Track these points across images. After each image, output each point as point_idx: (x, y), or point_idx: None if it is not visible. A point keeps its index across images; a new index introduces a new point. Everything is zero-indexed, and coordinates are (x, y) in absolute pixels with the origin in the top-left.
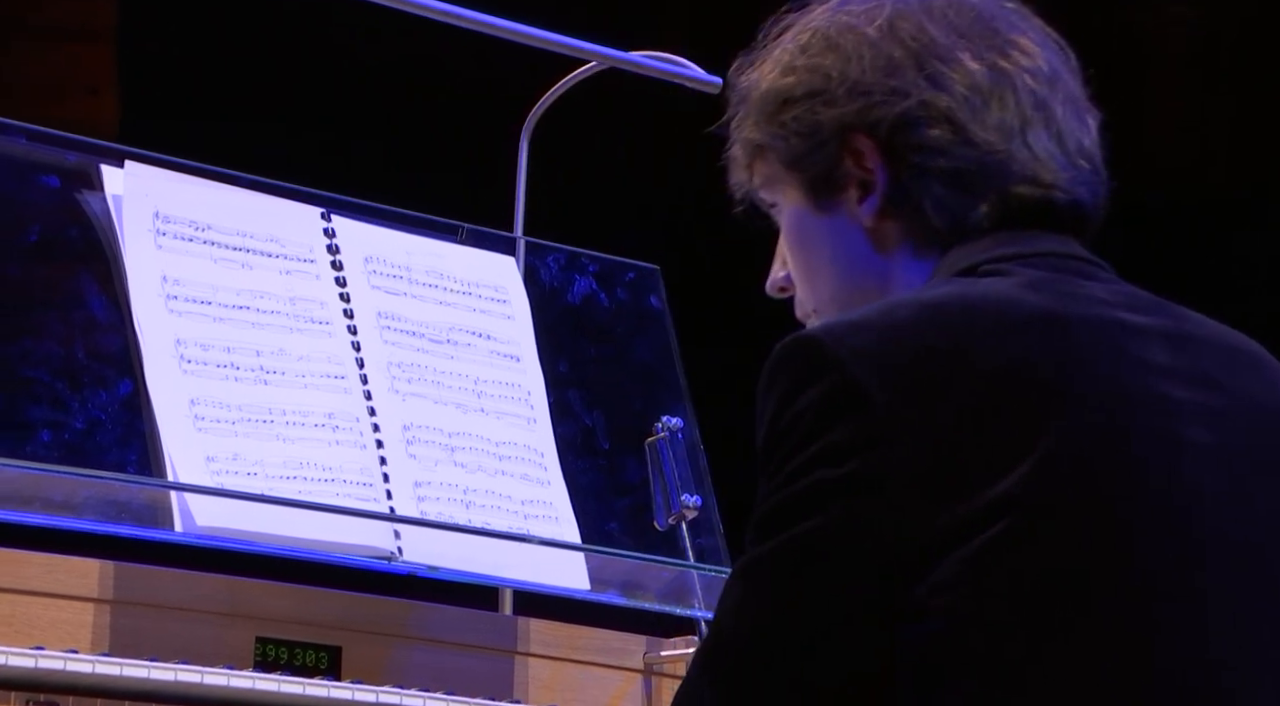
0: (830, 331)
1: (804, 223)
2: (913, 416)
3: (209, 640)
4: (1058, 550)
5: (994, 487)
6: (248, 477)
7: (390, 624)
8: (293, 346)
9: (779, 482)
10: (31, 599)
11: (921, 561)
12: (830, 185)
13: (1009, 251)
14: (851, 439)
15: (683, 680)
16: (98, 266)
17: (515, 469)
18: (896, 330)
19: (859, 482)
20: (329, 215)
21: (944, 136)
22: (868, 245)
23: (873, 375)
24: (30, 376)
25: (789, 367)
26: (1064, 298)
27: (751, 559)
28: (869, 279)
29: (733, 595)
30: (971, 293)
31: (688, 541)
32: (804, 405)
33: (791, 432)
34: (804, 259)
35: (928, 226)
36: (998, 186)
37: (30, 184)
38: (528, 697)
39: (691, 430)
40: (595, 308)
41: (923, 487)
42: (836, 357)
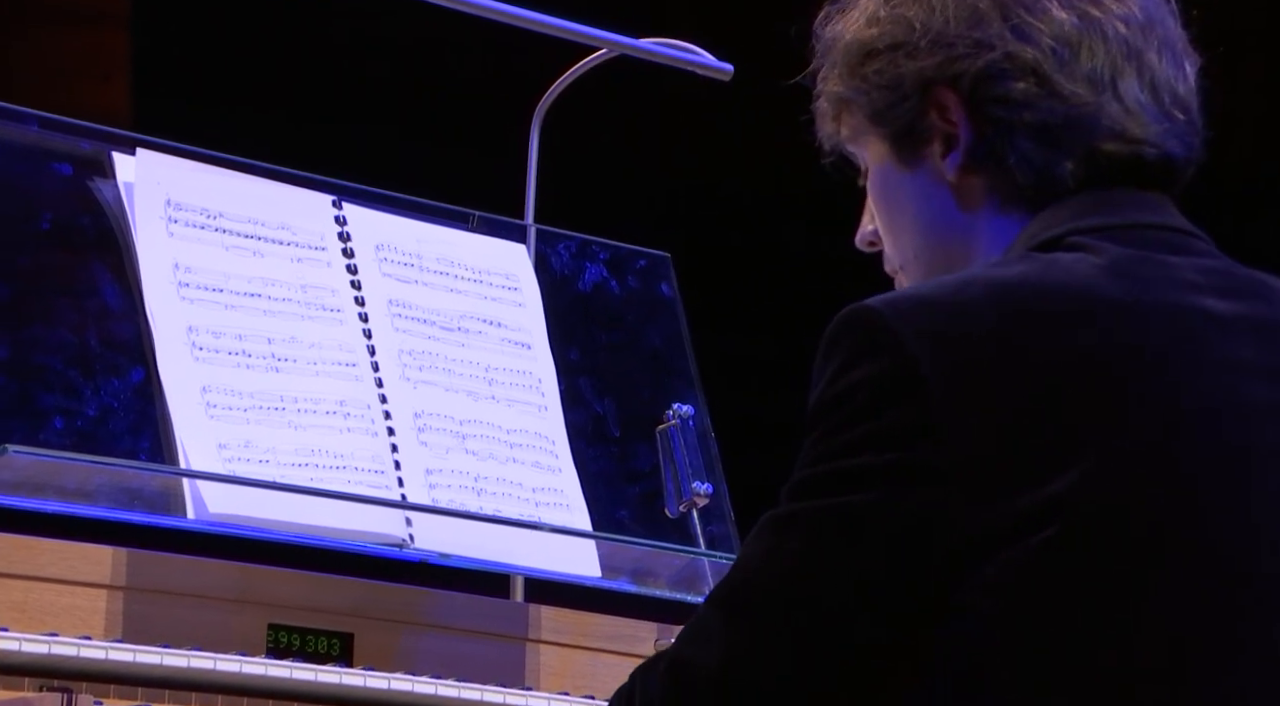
0: (895, 306)
1: (888, 178)
2: (970, 407)
3: (221, 626)
4: (1109, 561)
5: (1047, 488)
6: (260, 465)
7: (402, 610)
8: (304, 334)
9: (825, 452)
10: (45, 585)
11: (965, 558)
12: (914, 139)
13: (1095, 222)
14: (904, 425)
15: (693, 617)
16: (110, 254)
17: (526, 456)
18: (964, 311)
19: (907, 471)
20: (340, 203)
21: (1029, 90)
22: (952, 202)
23: (933, 358)
24: (43, 364)
25: (848, 338)
26: (1146, 284)
27: (787, 513)
28: (953, 237)
29: (761, 542)
30: (1048, 276)
31: (699, 529)
32: (859, 380)
33: (843, 406)
34: (888, 215)
35: (1013, 183)
36: (1085, 142)
37: (42, 171)
38: (539, 684)
39: (702, 417)
40: (606, 295)
41: (973, 482)
42: (897, 335)
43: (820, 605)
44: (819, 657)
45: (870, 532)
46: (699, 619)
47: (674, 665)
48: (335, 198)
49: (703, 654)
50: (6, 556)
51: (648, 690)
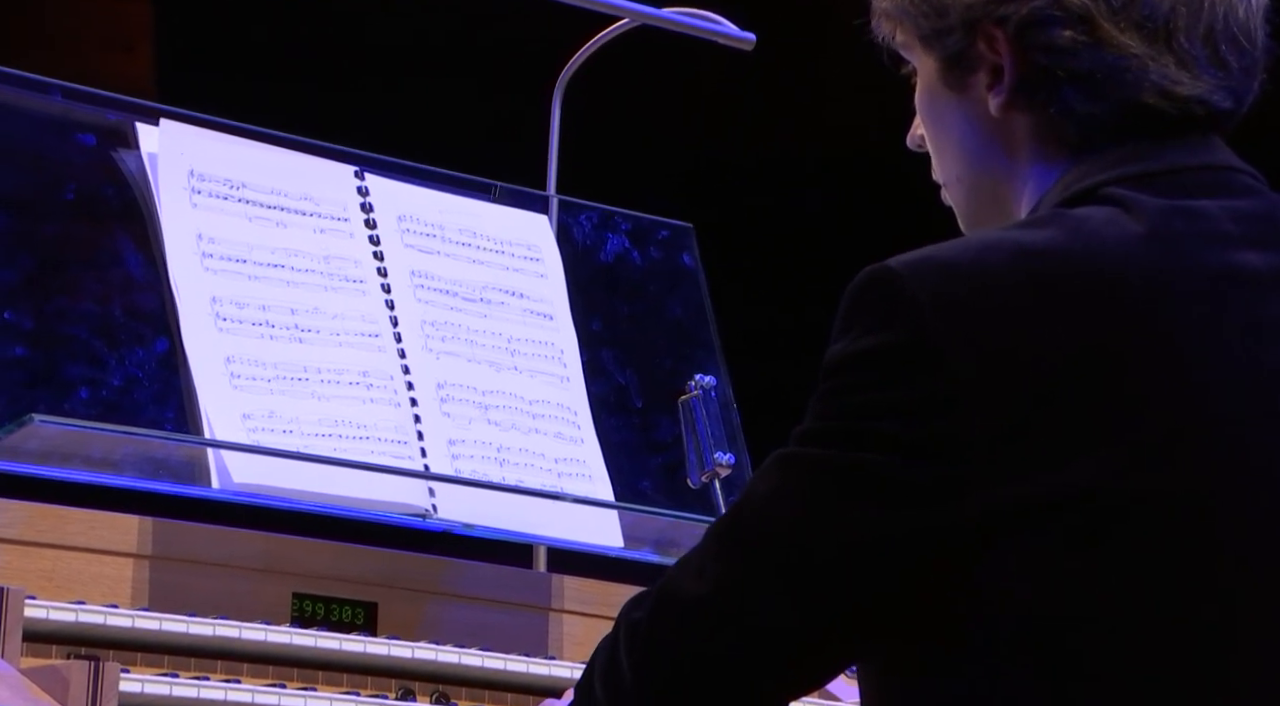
0: (917, 270)
1: (935, 97)
2: (988, 381)
3: (246, 595)
4: (1134, 548)
5: (1076, 469)
6: (283, 435)
7: (425, 580)
8: (327, 305)
9: (839, 410)
10: (73, 554)
11: (984, 538)
12: (962, 67)
13: (1132, 171)
14: (918, 397)
15: (692, 550)
16: (133, 225)
17: (549, 427)
18: (987, 279)
19: (922, 445)
20: (362, 173)
21: (1075, 38)
22: (994, 135)
23: (952, 331)
24: (68, 334)
25: (867, 301)
26: (1176, 246)
27: (796, 455)
28: (995, 170)
29: (766, 481)
30: (1076, 244)
31: (721, 499)
32: (875, 346)
33: (859, 369)
34: (934, 132)
35: (1055, 128)
36: (1130, 95)
37: (66, 142)
38: (562, 654)
39: (724, 388)
40: (628, 266)
41: (988, 460)
42: (916, 304)
43: (814, 555)
44: (806, 605)
45: (877, 498)
46: (696, 549)
47: (663, 592)
48: (358, 168)
49: (693, 583)
50: (34, 525)
51: (632, 616)
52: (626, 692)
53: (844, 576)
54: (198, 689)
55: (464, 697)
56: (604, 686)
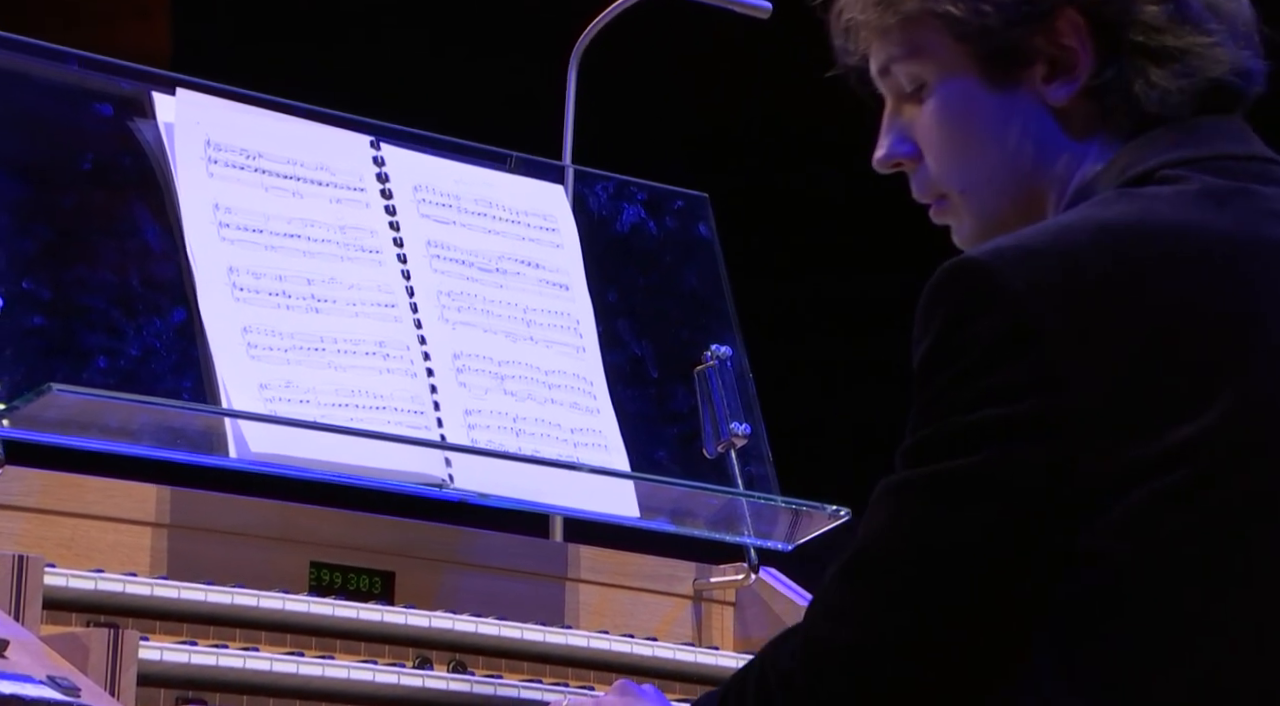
0: (1002, 257)
1: (970, 98)
2: (1088, 356)
3: (264, 564)
4: (1244, 500)
5: (1175, 432)
6: (300, 405)
7: (442, 550)
8: (343, 275)
9: (942, 410)
10: (91, 522)
11: (1090, 505)
12: (1013, 61)
13: (1185, 155)
14: (1024, 378)
15: (819, 590)
16: (150, 194)
17: (565, 397)
18: (1073, 259)
19: (1029, 424)
20: (378, 143)
21: (1160, 14)
22: (1056, 127)
23: (1048, 310)
24: (86, 304)
25: (956, 292)
26: (1249, 216)
27: (905, 479)
28: (1051, 162)
29: (882, 512)
30: (1151, 215)
31: (736, 469)
32: (973, 336)
33: (958, 362)
34: (962, 136)
35: (1131, 110)
36: (1214, 71)
37: (83, 111)
38: (578, 623)
39: (740, 358)
40: (644, 236)
41: (1096, 431)
42: (1010, 289)
43: (948, 569)
44: (952, 621)
45: (991, 491)
46: (828, 593)
47: (808, 642)
48: (373, 138)
49: (837, 630)
50: (53, 493)
51: (780, 668)
52: None
53: (984, 578)
54: (216, 657)
55: (481, 666)
56: None
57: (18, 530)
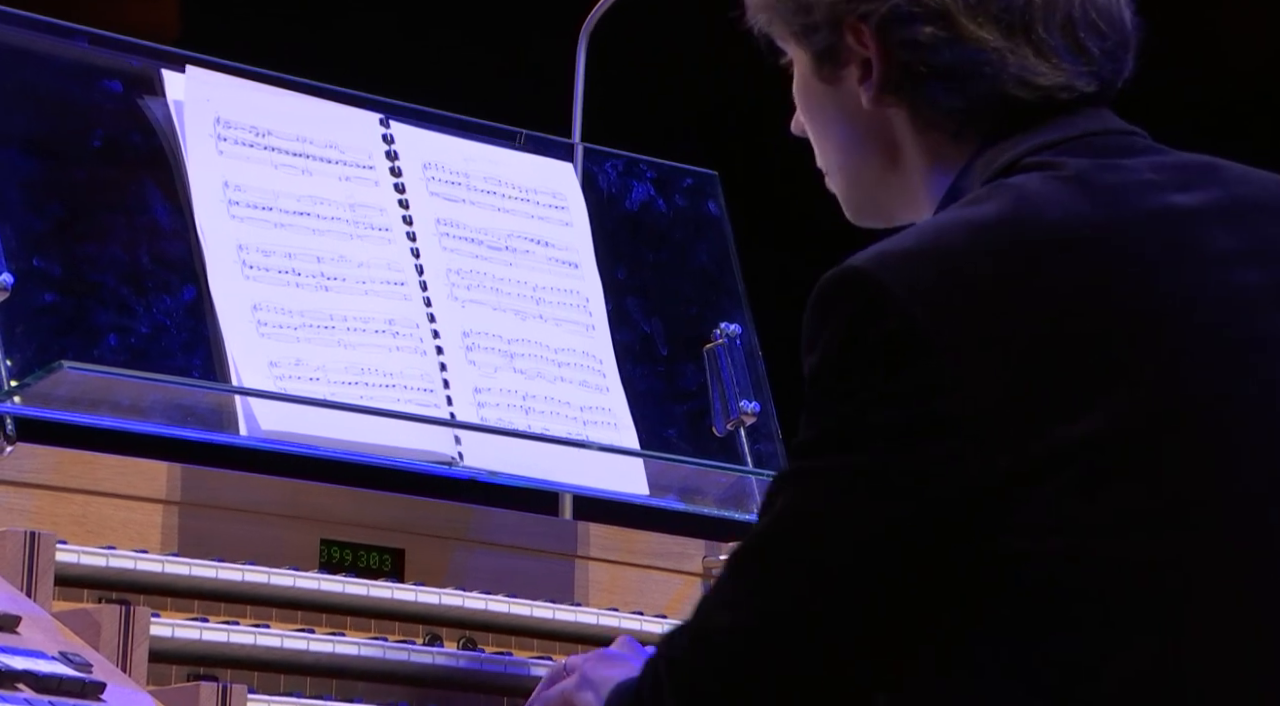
0: (884, 264)
1: (810, 89)
2: (974, 357)
3: (274, 541)
4: (1154, 478)
5: (1069, 419)
6: (310, 383)
7: (452, 527)
8: (353, 253)
9: (834, 413)
10: (103, 499)
11: (997, 506)
12: (833, 60)
13: (1047, 139)
14: (912, 383)
15: (714, 585)
16: (160, 172)
17: (574, 375)
18: (952, 260)
19: (924, 428)
20: (387, 121)
21: (936, 34)
22: (871, 126)
23: (933, 315)
24: (96, 281)
25: (842, 302)
26: (1115, 194)
27: (798, 470)
28: (874, 159)
29: (775, 504)
30: (1022, 208)
31: (746, 447)
32: (861, 344)
33: (847, 369)
34: (812, 123)
35: (932, 120)
36: (992, 87)
37: (93, 88)
38: (587, 600)
39: (750, 336)
40: (653, 214)
41: (992, 429)
42: (893, 297)
43: (841, 559)
44: (841, 616)
45: (889, 489)
46: (718, 583)
47: (696, 633)
48: (383, 116)
49: (726, 615)
50: (64, 471)
51: (672, 653)
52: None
53: (876, 572)
54: (227, 633)
55: (490, 643)
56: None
57: (30, 507)
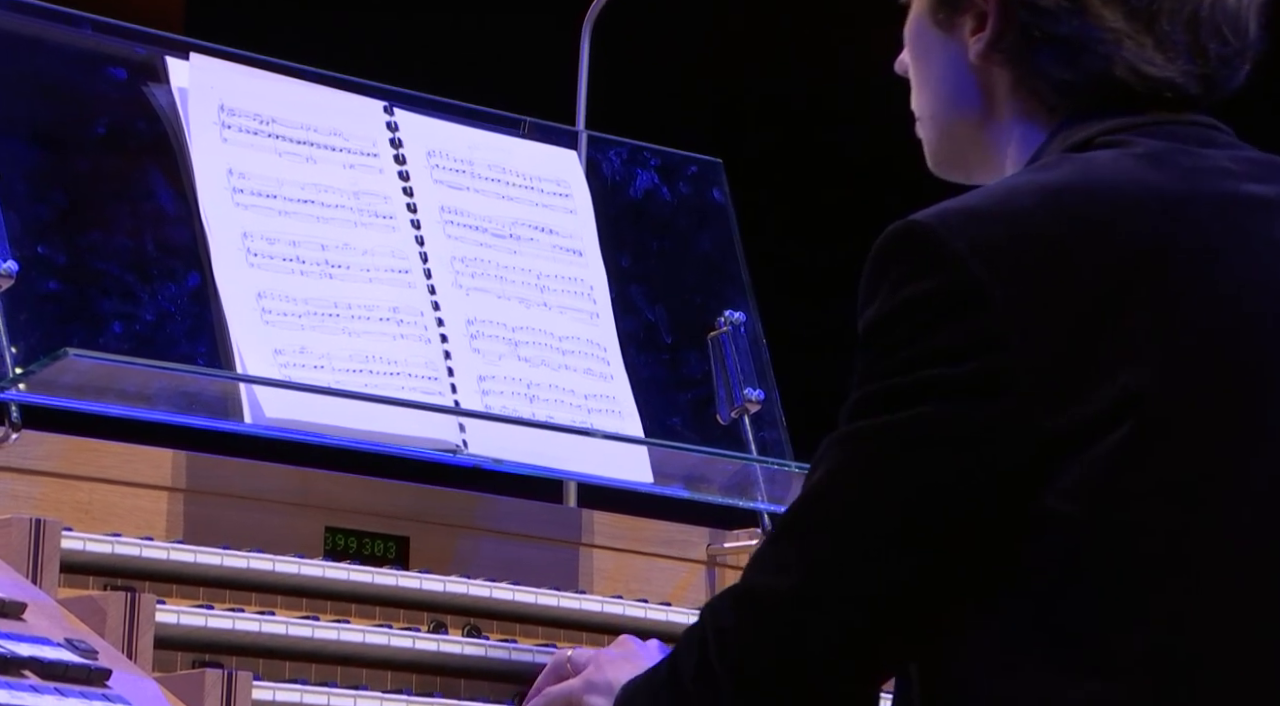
0: (946, 221)
1: (921, 30)
2: (1031, 316)
3: (279, 529)
4: (1191, 447)
5: (1116, 385)
6: (315, 370)
7: (457, 515)
8: (357, 240)
9: (886, 369)
10: (108, 487)
11: (1042, 466)
12: (951, 6)
13: (1125, 122)
14: (969, 339)
15: (758, 547)
16: (164, 159)
17: (578, 363)
18: (1018, 220)
19: (977, 384)
20: (392, 108)
21: (1060, 2)
22: (973, 81)
23: (993, 271)
24: (101, 269)
25: (902, 255)
26: (1187, 174)
27: (849, 432)
28: (969, 115)
29: (825, 465)
30: (1093, 175)
31: (750, 435)
32: (916, 296)
33: (902, 323)
34: (915, 65)
35: (1035, 87)
36: (1102, 68)
37: (97, 76)
38: (592, 588)
39: (754, 324)
40: (657, 201)
41: (1042, 388)
42: (954, 251)
43: (891, 518)
44: (893, 575)
45: (940, 445)
46: (765, 547)
47: (743, 594)
48: (387, 103)
49: (773, 580)
50: (70, 458)
51: (719, 622)
52: (727, 700)
53: (925, 530)
54: (232, 620)
55: (495, 630)
56: (700, 695)
57: (35, 494)
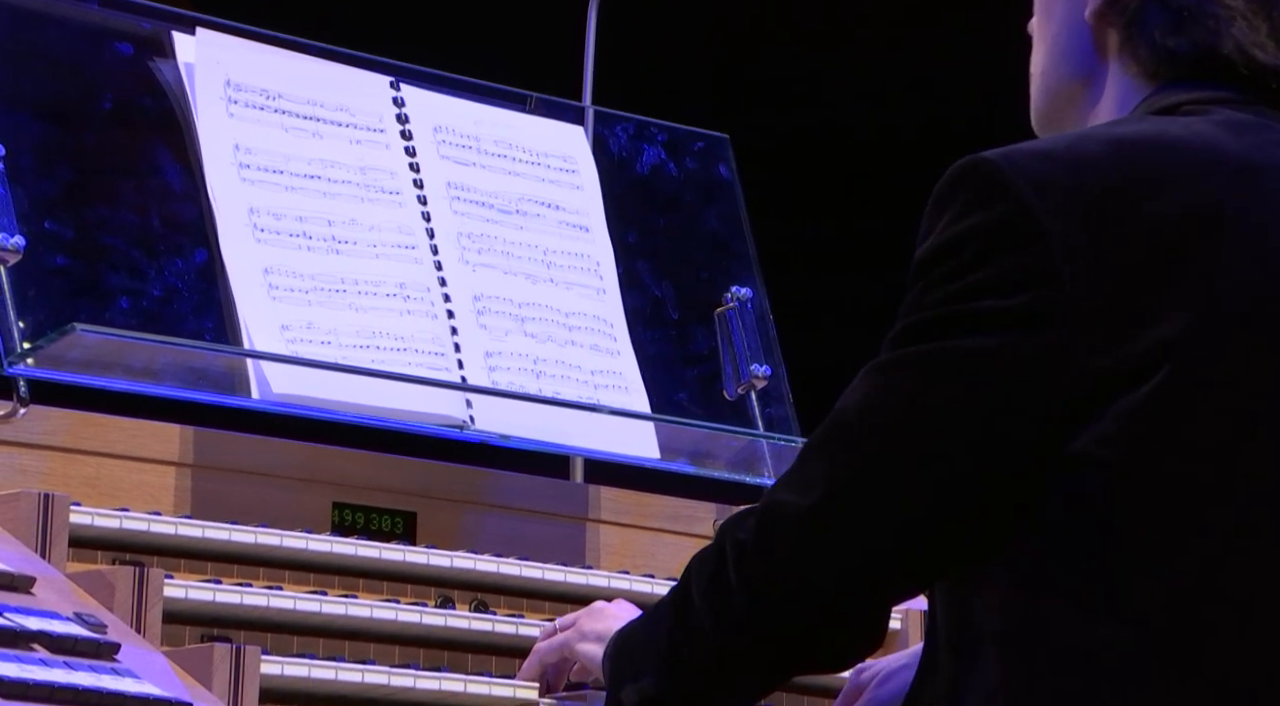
0: (1009, 158)
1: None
2: (1084, 257)
3: (287, 504)
4: (1227, 402)
5: (1158, 334)
6: (321, 346)
7: (463, 490)
8: (363, 216)
9: (937, 298)
10: (116, 462)
11: (1080, 408)
12: None
13: (1213, 94)
14: (1022, 272)
15: (789, 469)
16: (171, 135)
17: (585, 339)
18: (1081, 164)
19: (1026, 317)
20: (398, 84)
21: None
22: (1086, 39)
23: (1049, 207)
24: (108, 244)
25: (962, 188)
26: (1264, 146)
27: (893, 358)
28: (1076, 71)
29: (862, 387)
30: (1168, 131)
31: (757, 410)
32: (973, 228)
33: (957, 253)
34: (1038, 22)
35: (1140, 51)
36: (1210, 41)
37: (103, 51)
38: (598, 563)
39: (761, 300)
40: (664, 177)
41: (1089, 328)
42: (1014, 185)
43: (922, 446)
44: (917, 500)
45: (985, 375)
46: (792, 467)
47: (765, 509)
48: (393, 79)
49: (795, 496)
50: (77, 433)
51: (737, 534)
52: (738, 613)
53: (955, 459)
54: (240, 595)
55: (502, 606)
56: (710, 607)
57: (43, 469)
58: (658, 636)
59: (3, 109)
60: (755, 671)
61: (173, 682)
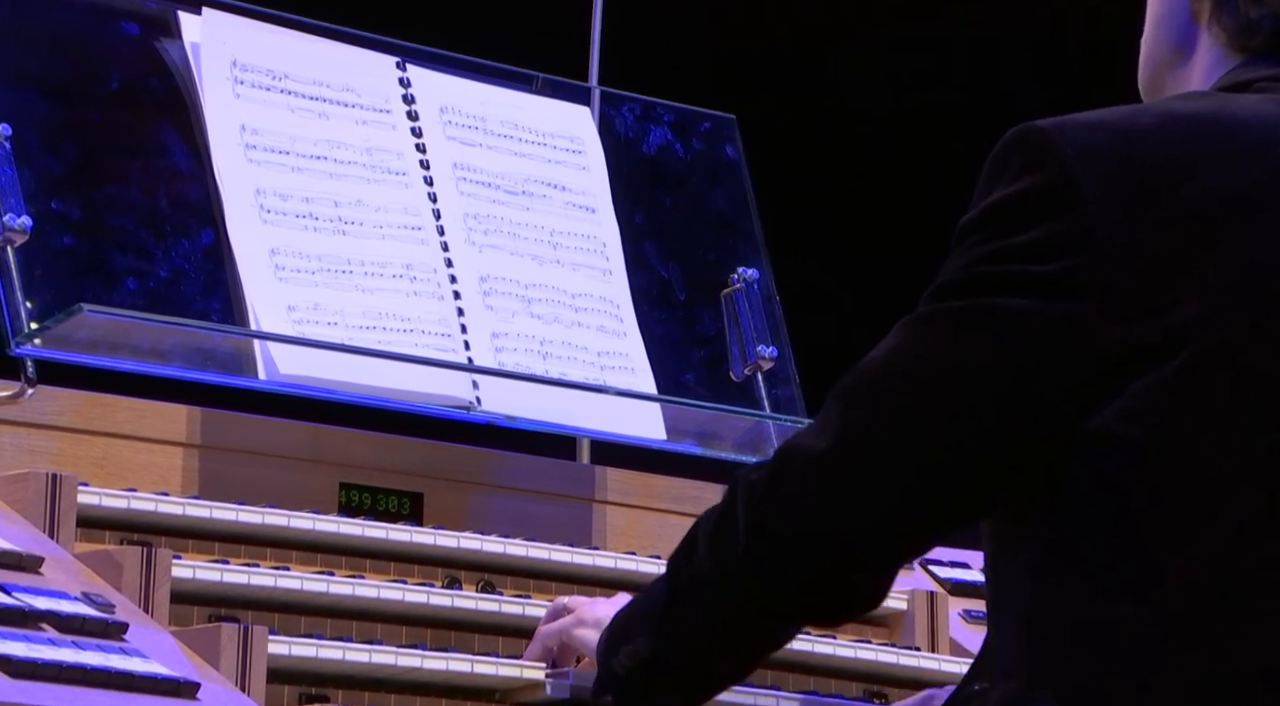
0: (1061, 126)
1: None
2: (1125, 226)
3: (294, 485)
4: (1251, 384)
5: (1186, 312)
6: (328, 327)
7: (470, 471)
8: (370, 197)
9: (976, 257)
10: (123, 442)
11: (1104, 381)
12: None
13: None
14: (1059, 238)
15: None
16: (177, 115)
17: (591, 320)
18: (1132, 136)
19: (1059, 282)
20: (404, 64)
21: None
22: (1182, 13)
23: (1093, 176)
24: (115, 224)
25: (1014, 155)
26: None
27: (925, 313)
28: (1172, 43)
29: (892, 339)
30: (1225, 111)
31: (763, 391)
32: (1017, 193)
33: (1001, 216)
34: (1149, 4)
35: (1223, 23)
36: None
37: (110, 31)
38: (605, 544)
39: (767, 281)
40: (671, 158)
41: (1121, 300)
42: (1061, 153)
43: (941, 401)
44: (930, 456)
45: (1016, 335)
46: (817, 415)
47: (780, 453)
48: (399, 59)
49: (811, 441)
50: (85, 413)
51: (750, 475)
52: (739, 550)
53: (974, 416)
54: (248, 575)
55: (509, 586)
56: (712, 547)
57: (51, 449)
58: (655, 598)
59: (9, 88)
60: (750, 620)
61: (180, 662)
